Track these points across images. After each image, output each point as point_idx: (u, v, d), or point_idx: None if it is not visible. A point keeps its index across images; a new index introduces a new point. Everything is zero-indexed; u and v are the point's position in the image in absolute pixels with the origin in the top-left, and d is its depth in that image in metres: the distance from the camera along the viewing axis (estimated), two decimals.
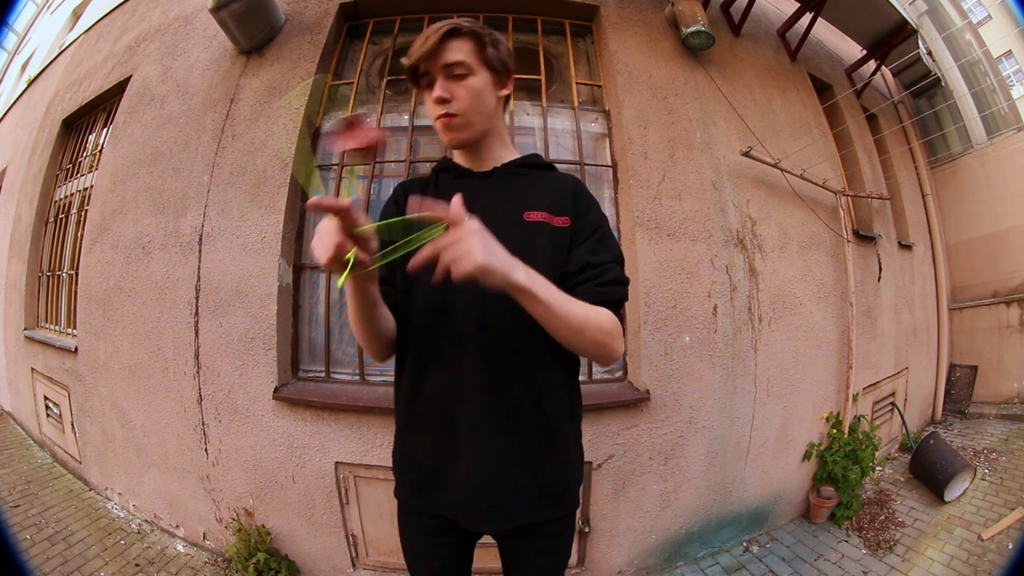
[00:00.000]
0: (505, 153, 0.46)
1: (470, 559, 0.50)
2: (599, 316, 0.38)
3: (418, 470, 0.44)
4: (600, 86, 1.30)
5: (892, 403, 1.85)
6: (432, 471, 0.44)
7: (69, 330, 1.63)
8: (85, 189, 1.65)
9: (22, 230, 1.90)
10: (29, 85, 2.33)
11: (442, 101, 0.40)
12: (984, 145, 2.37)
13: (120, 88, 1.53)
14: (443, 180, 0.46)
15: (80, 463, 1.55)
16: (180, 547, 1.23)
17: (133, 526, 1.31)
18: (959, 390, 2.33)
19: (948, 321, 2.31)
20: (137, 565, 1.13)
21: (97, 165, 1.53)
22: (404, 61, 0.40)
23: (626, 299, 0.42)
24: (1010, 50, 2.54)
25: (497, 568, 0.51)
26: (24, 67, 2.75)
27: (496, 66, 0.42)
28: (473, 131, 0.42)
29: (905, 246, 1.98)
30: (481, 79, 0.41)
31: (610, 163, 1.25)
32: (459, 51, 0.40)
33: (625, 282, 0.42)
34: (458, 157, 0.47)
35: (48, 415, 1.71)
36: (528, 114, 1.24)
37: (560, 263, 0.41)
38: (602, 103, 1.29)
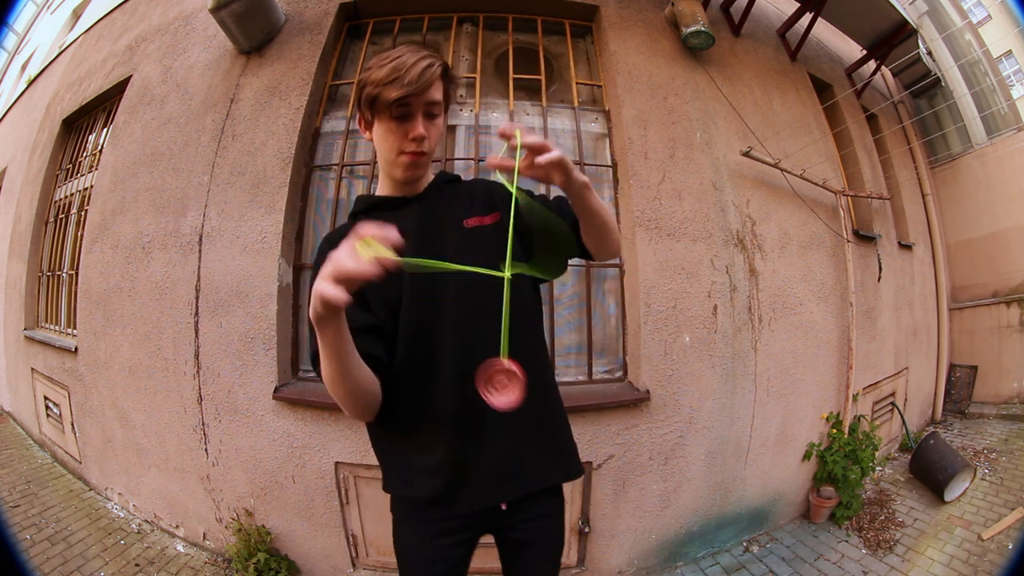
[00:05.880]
0: (428, 173, 0.48)
1: (470, 558, 0.51)
2: None
3: (436, 480, 0.44)
4: (600, 86, 1.30)
5: (892, 403, 1.85)
6: (452, 475, 0.43)
7: (69, 330, 1.63)
8: (85, 189, 1.65)
9: (22, 230, 1.90)
10: (29, 85, 2.33)
11: (422, 139, 0.41)
12: (984, 145, 2.37)
13: (120, 88, 1.53)
14: (376, 217, 0.45)
15: (80, 463, 1.54)
16: (180, 547, 1.23)
17: (133, 526, 1.31)
18: (959, 390, 2.33)
19: (948, 321, 2.31)
20: (137, 565, 1.13)
21: (97, 165, 1.53)
22: (390, 92, 0.38)
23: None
24: (1010, 50, 2.54)
25: (496, 568, 0.52)
26: (24, 67, 2.75)
27: (448, 107, 0.44)
28: (428, 167, 0.45)
29: (905, 246, 1.98)
30: (443, 119, 0.43)
31: (610, 163, 1.24)
32: (439, 90, 0.41)
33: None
34: (390, 189, 0.47)
35: (48, 415, 1.71)
36: (528, 114, 1.24)
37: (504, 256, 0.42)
38: (602, 103, 1.29)
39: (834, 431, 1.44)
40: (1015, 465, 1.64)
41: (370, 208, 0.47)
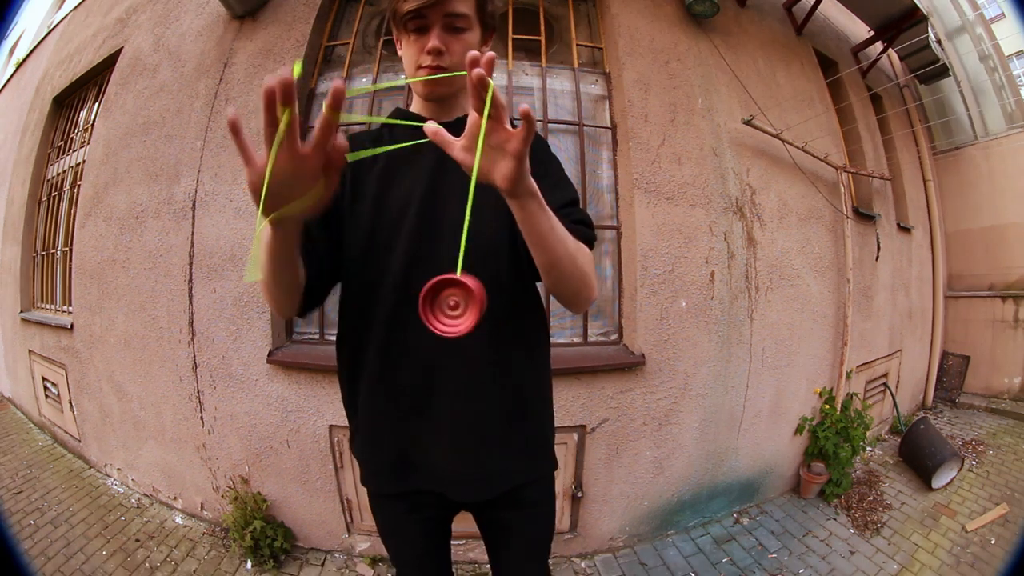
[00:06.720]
0: (467, 105, 0.44)
1: (449, 535, 0.49)
2: (583, 247, 0.36)
3: (389, 451, 0.42)
4: (601, 48, 1.28)
5: (884, 384, 1.86)
6: (405, 448, 0.41)
7: (65, 308, 1.62)
8: (77, 165, 1.62)
9: (15, 212, 1.88)
10: (18, 68, 2.28)
11: (437, 52, 0.38)
12: (989, 139, 2.36)
13: (111, 61, 1.50)
14: (399, 129, 0.43)
15: (79, 441, 1.54)
16: (179, 519, 1.24)
17: (132, 501, 1.32)
18: (951, 378, 2.34)
19: (943, 308, 2.32)
20: (137, 540, 1.13)
21: (89, 140, 1.50)
22: (404, 5, 0.37)
23: (595, 241, 0.40)
24: (1022, 49, 2.50)
25: (472, 558, 0.49)
26: (12, 50, 2.68)
27: (488, 23, 0.41)
28: (455, 87, 0.41)
29: (904, 228, 1.98)
30: (475, 35, 0.40)
31: (609, 125, 1.23)
32: (465, 3, 0.39)
33: (592, 224, 0.40)
34: (419, 107, 0.45)
35: (47, 395, 1.70)
36: (527, 74, 1.22)
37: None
38: (602, 65, 1.27)
39: (827, 407, 1.45)
40: (1002, 460, 1.65)
41: (404, 118, 0.43)
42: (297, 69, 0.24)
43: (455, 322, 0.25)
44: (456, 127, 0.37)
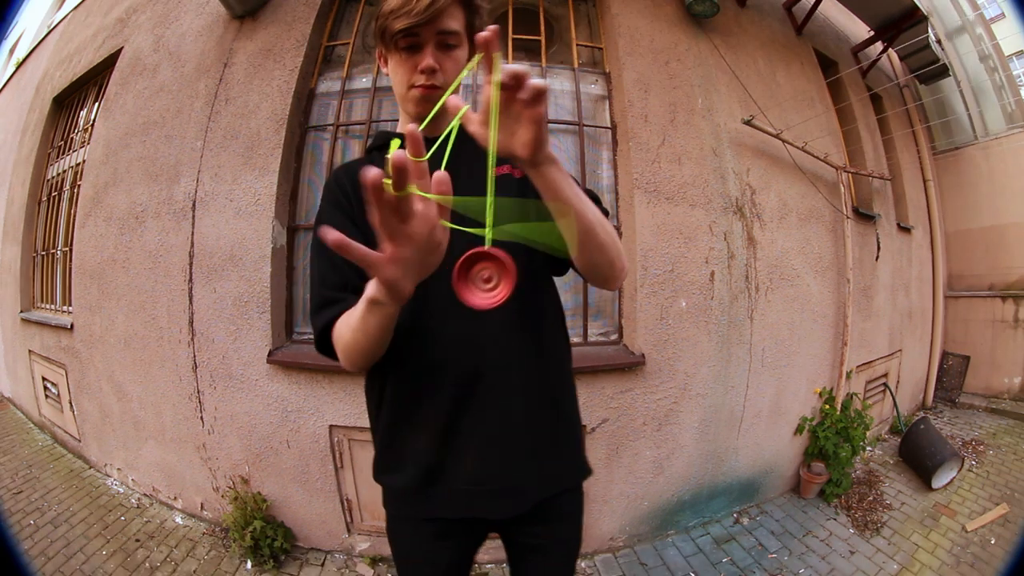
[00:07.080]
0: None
1: (472, 563, 0.46)
2: (605, 218, 0.36)
3: (413, 470, 0.40)
4: (601, 48, 1.28)
5: (884, 384, 1.86)
6: (431, 468, 0.40)
7: (65, 307, 1.62)
8: (77, 165, 1.63)
9: (15, 212, 1.88)
10: (18, 68, 2.29)
11: (431, 71, 0.37)
12: (989, 139, 2.36)
13: (111, 61, 1.50)
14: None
15: (79, 441, 1.54)
16: (179, 519, 1.24)
17: (132, 501, 1.32)
18: (951, 378, 2.34)
19: (943, 308, 2.32)
20: (137, 540, 1.13)
21: (89, 140, 1.51)
22: (395, 23, 0.36)
23: (609, 214, 0.40)
24: (1022, 49, 2.52)
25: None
26: (12, 50, 2.68)
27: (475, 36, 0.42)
28: (446, 104, 0.40)
29: (904, 228, 1.98)
30: (465, 52, 0.39)
31: (609, 125, 1.23)
32: (456, 19, 0.37)
33: (601, 201, 0.40)
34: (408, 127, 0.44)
35: (47, 395, 1.70)
36: None
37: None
38: (603, 65, 1.28)
39: (827, 407, 1.45)
40: (1001, 460, 1.65)
41: (389, 142, 0.43)
42: (394, 146, 0.22)
43: (489, 295, 0.26)
44: (443, 141, 0.36)
